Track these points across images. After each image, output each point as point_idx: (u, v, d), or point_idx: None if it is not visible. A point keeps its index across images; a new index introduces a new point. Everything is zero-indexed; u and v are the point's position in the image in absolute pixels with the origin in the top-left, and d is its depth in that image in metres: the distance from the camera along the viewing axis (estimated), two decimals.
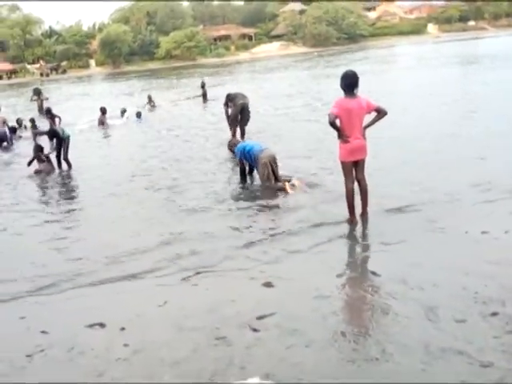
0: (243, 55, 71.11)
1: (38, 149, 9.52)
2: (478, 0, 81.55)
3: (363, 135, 5.38)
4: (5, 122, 13.12)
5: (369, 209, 5.65)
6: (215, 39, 78.28)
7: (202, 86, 19.02)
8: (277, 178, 7.04)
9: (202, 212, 6.37)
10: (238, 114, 10.38)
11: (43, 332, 3.86)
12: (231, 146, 8.09)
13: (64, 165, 9.66)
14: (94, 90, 33.89)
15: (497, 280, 3.97)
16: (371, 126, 5.44)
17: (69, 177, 9.27)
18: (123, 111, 15.82)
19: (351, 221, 5.48)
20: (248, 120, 10.55)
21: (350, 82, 5.27)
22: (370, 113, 5.39)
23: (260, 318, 3.80)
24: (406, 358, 3.15)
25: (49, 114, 11.37)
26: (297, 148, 9.31)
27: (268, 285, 4.36)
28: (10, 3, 77.42)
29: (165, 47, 71.85)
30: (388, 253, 4.77)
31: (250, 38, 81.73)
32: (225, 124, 11.01)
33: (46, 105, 16.01)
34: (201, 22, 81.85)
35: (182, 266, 4.82)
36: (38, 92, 16.95)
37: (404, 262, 4.49)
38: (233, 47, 76.71)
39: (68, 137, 9.65)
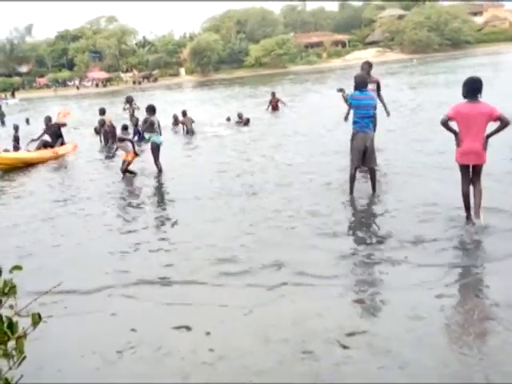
0: (335, 62, 70.90)
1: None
2: None
3: (482, 142, 5.55)
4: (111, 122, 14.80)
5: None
6: (306, 46, 78.88)
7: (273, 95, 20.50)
8: None
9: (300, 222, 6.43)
10: None
11: (132, 330, 4.10)
12: None
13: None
14: (187, 97, 35.44)
15: None
16: (494, 135, 5.55)
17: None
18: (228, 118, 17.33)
19: (467, 218, 5.78)
20: None
21: (472, 88, 5.56)
22: (494, 121, 5.48)
23: (350, 334, 3.76)
24: None
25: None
26: None
27: (360, 301, 4.30)
28: (108, 15, 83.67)
29: (254, 55, 73.62)
30: (498, 275, 4.52)
31: (344, 44, 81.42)
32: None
33: (136, 114, 16.98)
34: (292, 29, 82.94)
35: (270, 276, 4.89)
36: (130, 100, 17.79)
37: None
38: (325, 54, 76.82)
39: (156, 143, 10.13)
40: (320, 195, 7.48)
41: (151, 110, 10.26)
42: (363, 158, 7.15)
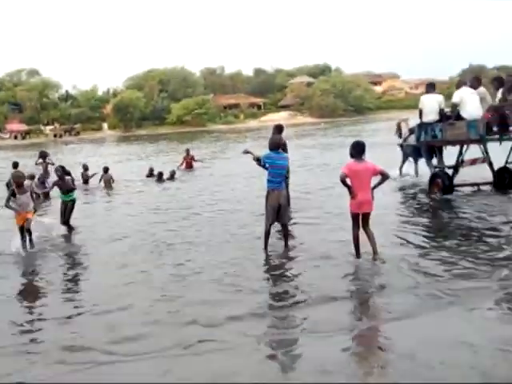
0: (252, 123, 73.08)
1: None
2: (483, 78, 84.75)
3: (371, 193, 6.43)
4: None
5: None
6: (225, 107, 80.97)
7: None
8: None
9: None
10: None
11: None
12: None
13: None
14: (109, 151, 34.70)
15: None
16: (378, 187, 6.50)
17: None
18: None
19: (357, 256, 6.55)
20: None
21: (358, 149, 6.49)
22: (376, 175, 6.45)
23: None
24: None
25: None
26: None
27: (273, 357, 4.30)
28: (29, 68, 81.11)
29: (176, 113, 74.25)
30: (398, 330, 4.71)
31: (259, 107, 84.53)
32: None
33: (50, 169, 15.72)
34: (211, 91, 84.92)
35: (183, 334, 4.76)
36: (43, 155, 16.69)
37: (413, 336, 4.42)
38: (242, 115, 79.11)
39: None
40: (231, 250, 7.48)
41: (64, 172, 9.84)
42: (277, 215, 7.31)
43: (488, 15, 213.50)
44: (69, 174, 10.05)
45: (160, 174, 16.38)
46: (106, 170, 15.92)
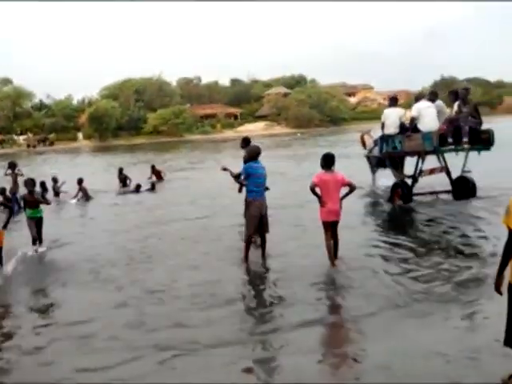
0: (228, 133, 73.13)
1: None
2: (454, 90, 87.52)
3: (340, 203, 6.69)
4: None
5: None
6: (202, 117, 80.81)
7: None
8: None
9: None
10: None
11: None
12: None
13: None
14: (83, 161, 34.22)
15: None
16: (346, 197, 6.77)
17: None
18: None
19: (332, 265, 6.68)
20: None
21: (328, 160, 6.73)
22: (345, 186, 6.71)
23: None
24: None
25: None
26: None
27: (249, 370, 4.25)
28: (2, 76, 79.64)
29: (152, 123, 73.78)
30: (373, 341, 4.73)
31: (236, 117, 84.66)
32: None
33: (19, 180, 14.69)
34: (188, 101, 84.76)
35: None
36: (12, 165, 16.09)
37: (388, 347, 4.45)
38: (218, 125, 79.08)
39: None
40: (211, 263, 7.44)
41: (32, 185, 9.20)
42: (258, 225, 7.24)
43: (458, 30, 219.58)
44: (43, 186, 9.52)
45: (138, 186, 16.24)
46: (80, 181, 15.57)
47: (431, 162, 11.31)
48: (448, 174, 11.17)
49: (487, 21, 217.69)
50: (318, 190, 6.67)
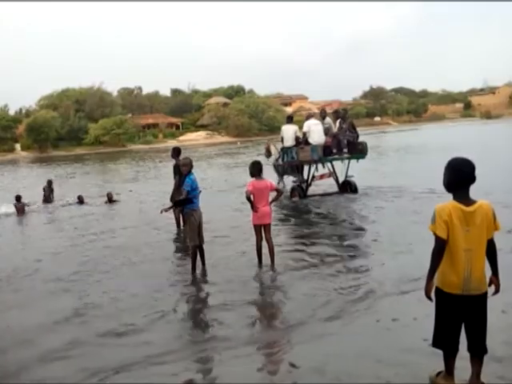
0: (171, 142, 72.28)
1: None
2: (383, 99, 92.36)
3: (269, 206, 7.09)
4: None
5: None
6: (144, 127, 79.42)
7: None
8: None
9: None
10: None
11: None
12: None
13: None
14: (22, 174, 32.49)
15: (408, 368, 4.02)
16: (275, 201, 7.35)
17: None
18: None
19: (260, 266, 7.04)
20: None
21: (257, 168, 7.05)
22: (272, 191, 7.16)
23: None
24: None
25: None
26: None
27: (191, 382, 4.12)
28: None
29: (94, 133, 71.70)
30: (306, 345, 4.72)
31: (178, 126, 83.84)
32: None
33: None
34: (130, 111, 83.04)
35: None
36: None
37: (320, 351, 4.45)
38: (160, 135, 78.01)
39: None
40: (158, 275, 7.22)
41: None
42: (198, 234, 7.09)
43: (382, 43, 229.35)
44: None
45: (79, 197, 15.64)
46: (18, 198, 14.67)
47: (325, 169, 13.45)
48: (336, 178, 13.60)
49: (413, 34, 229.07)
50: (251, 197, 6.94)
